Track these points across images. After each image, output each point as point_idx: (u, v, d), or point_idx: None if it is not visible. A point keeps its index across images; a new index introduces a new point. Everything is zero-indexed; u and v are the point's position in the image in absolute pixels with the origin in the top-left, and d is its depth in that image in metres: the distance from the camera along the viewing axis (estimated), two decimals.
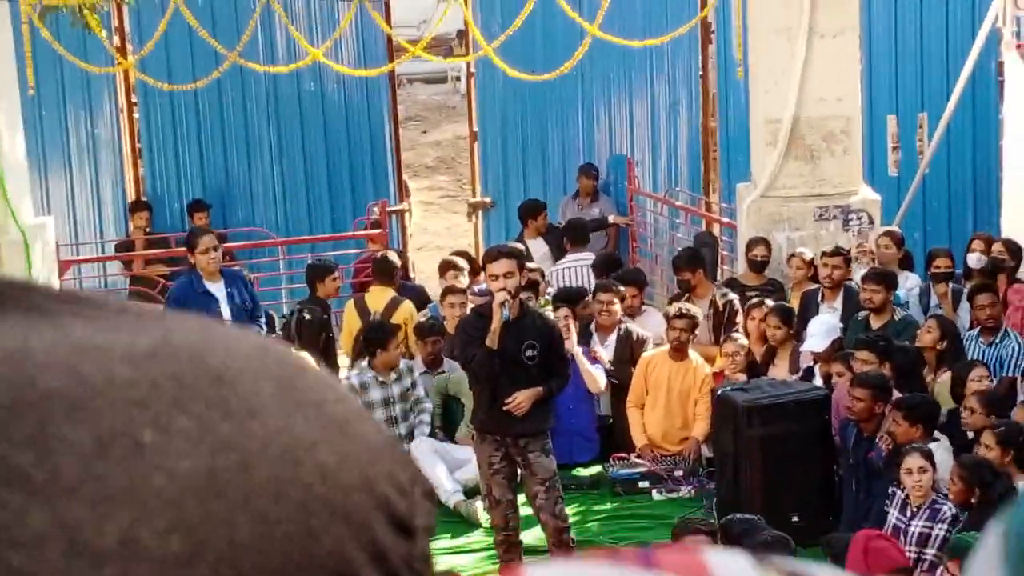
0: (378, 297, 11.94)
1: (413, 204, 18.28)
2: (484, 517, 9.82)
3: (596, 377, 10.89)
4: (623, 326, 11.22)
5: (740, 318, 11.32)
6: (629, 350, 11.05)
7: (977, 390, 9.11)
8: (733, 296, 11.59)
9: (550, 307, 11.24)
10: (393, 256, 12.48)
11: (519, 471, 8.76)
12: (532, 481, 8.64)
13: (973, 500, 7.73)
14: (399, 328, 11.07)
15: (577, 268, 13.17)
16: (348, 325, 11.92)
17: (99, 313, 0.65)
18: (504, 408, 8.44)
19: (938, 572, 7.24)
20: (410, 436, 10.77)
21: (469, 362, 8.50)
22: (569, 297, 11.45)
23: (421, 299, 12.37)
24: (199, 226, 13.32)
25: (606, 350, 11.15)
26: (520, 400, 8.44)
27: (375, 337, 10.67)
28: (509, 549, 8.61)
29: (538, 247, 14.35)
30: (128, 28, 14.91)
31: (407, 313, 11.70)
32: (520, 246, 12.75)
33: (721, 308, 11.59)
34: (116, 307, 0.67)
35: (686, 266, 11.94)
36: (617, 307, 11.19)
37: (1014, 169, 13.08)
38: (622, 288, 11.32)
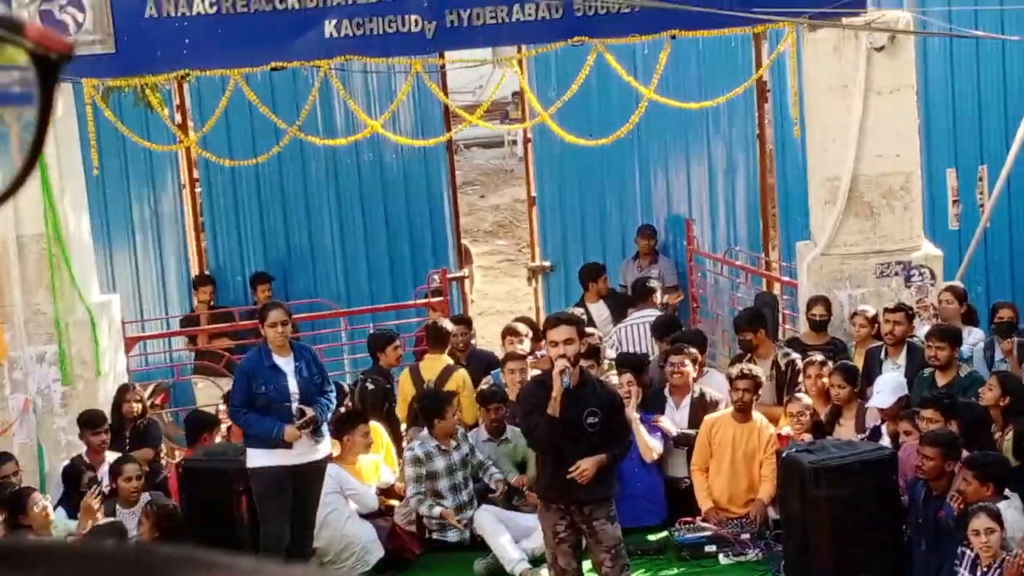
0: (432, 365, 12.03)
1: (474, 269, 18.39)
2: None
3: (651, 447, 10.87)
4: (697, 389, 11.20)
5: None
6: (703, 412, 11.03)
7: None
8: (795, 356, 11.55)
9: (613, 372, 11.25)
10: (446, 323, 12.55)
11: (584, 539, 8.73)
12: (598, 549, 8.61)
13: None
14: (455, 395, 11.12)
15: (643, 325, 13.17)
16: (403, 393, 12.02)
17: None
18: (568, 476, 8.42)
19: None
20: (473, 502, 10.79)
21: (532, 431, 8.50)
22: (632, 362, 11.45)
23: (490, 365, 12.40)
24: (269, 300, 13.45)
25: (680, 413, 11.13)
26: (584, 468, 8.43)
27: (431, 406, 10.75)
28: None
29: (600, 311, 14.38)
30: (189, 105, 15.12)
31: (460, 380, 11.77)
32: (579, 311, 12.83)
33: (784, 368, 11.57)
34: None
35: (748, 326, 11.93)
36: (690, 369, 11.18)
37: None
38: (694, 350, 11.31)
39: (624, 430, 8.90)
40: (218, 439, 11.20)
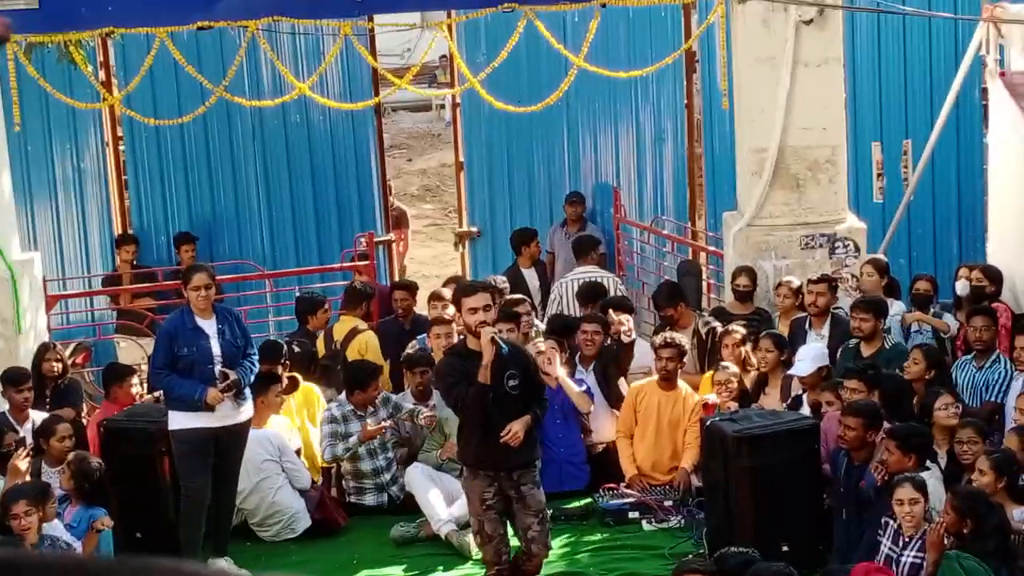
0: (342, 327, 12.07)
1: (409, 234, 18.30)
2: (475, 550, 9.82)
3: (584, 399, 10.94)
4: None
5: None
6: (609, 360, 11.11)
7: (957, 418, 9.15)
8: (716, 324, 11.63)
9: (540, 338, 11.27)
10: (362, 285, 12.58)
11: (511, 505, 8.73)
12: (525, 514, 8.62)
13: (965, 531, 7.74)
14: (380, 369, 11.13)
15: (580, 282, 13.21)
16: (321, 353, 12.05)
17: None
18: (501, 441, 8.41)
19: None
20: (391, 467, 10.81)
21: (461, 402, 8.44)
22: (561, 327, 11.52)
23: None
24: (193, 261, 13.35)
25: (591, 377, 11.20)
26: (516, 430, 8.42)
27: (356, 376, 10.76)
28: None
29: (531, 277, 14.40)
30: (114, 63, 14.93)
31: (363, 343, 11.79)
32: (501, 280, 12.85)
33: (704, 336, 11.65)
34: None
35: (667, 303, 12.04)
36: (601, 338, 11.24)
37: (998, 195, 13.14)
38: (610, 316, 11.36)
39: (541, 389, 8.88)
40: (134, 390, 11.10)
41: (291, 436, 10.84)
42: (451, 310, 12.10)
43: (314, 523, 10.45)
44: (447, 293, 12.34)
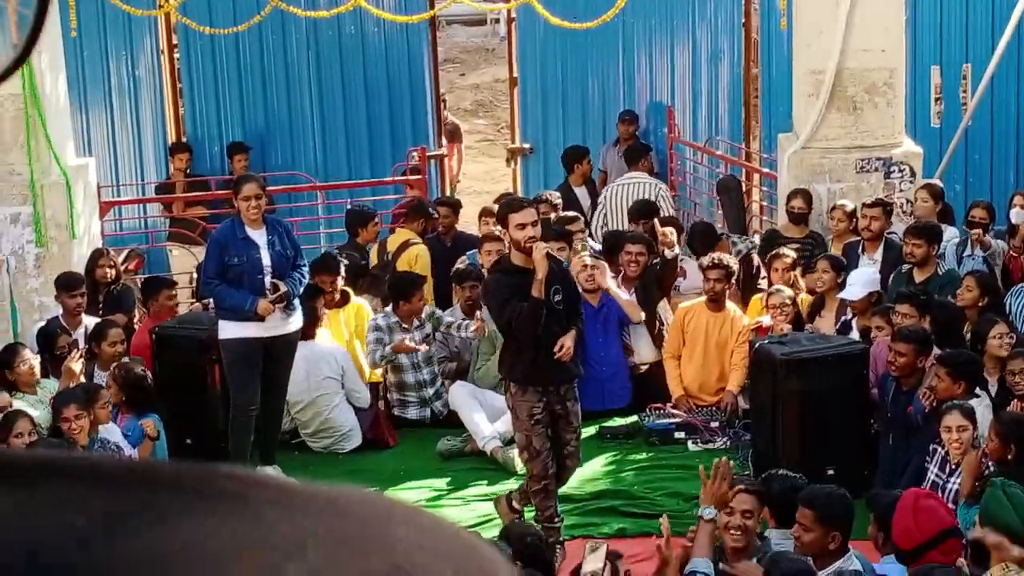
0: (397, 239, 12.07)
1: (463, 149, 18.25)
2: (520, 466, 9.87)
3: (635, 308, 10.93)
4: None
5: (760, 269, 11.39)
6: (651, 277, 11.08)
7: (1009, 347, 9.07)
8: (743, 247, 11.61)
9: (587, 252, 11.19)
10: (427, 202, 12.58)
11: (556, 421, 8.74)
12: (566, 429, 8.64)
13: (1009, 456, 7.71)
14: (424, 280, 11.13)
15: (631, 186, 13.33)
16: (374, 263, 12.08)
17: (293, 502, 0.69)
18: (556, 356, 8.42)
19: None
20: (435, 381, 10.85)
21: (516, 318, 8.38)
22: (614, 246, 11.48)
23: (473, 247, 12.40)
24: (245, 171, 13.37)
25: (633, 296, 11.17)
26: (568, 345, 8.42)
27: (399, 288, 10.77)
28: (548, 496, 8.62)
29: (583, 194, 14.36)
30: None
31: (413, 256, 11.76)
32: (555, 196, 12.85)
33: (739, 263, 11.56)
34: (306, 496, 0.72)
35: (703, 248, 11.79)
36: (646, 259, 11.18)
37: None
38: (656, 227, 11.30)
39: (578, 303, 8.91)
40: (172, 303, 11.22)
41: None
42: None
43: (365, 441, 10.53)
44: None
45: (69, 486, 0.67)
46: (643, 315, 10.99)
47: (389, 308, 10.89)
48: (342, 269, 10.98)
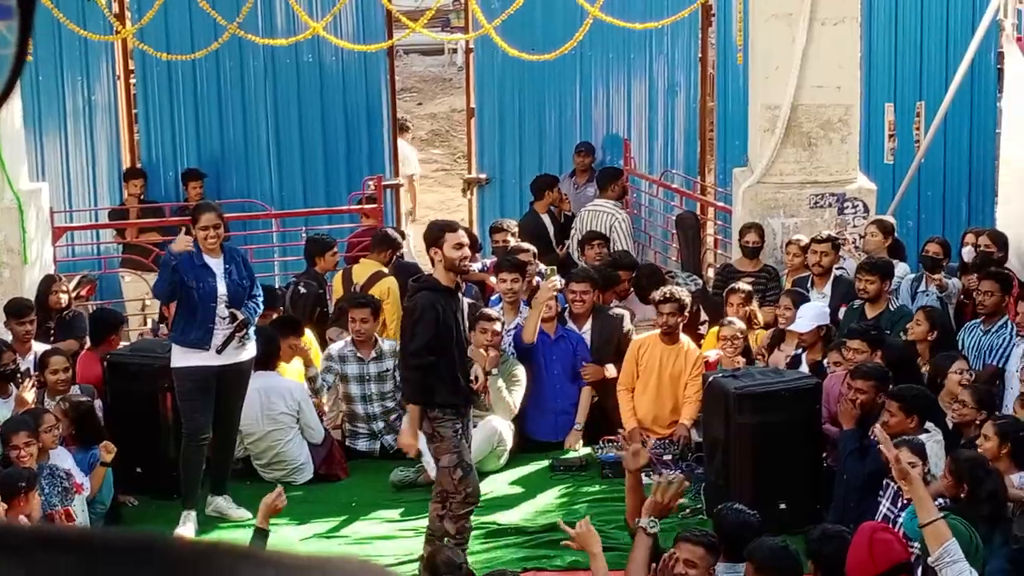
0: (364, 270, 12.02)
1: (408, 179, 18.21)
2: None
3: (532, 328, 10.95)
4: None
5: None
6: (609, 328, 11.08)
7: (968, 383, 9.14)
8: (691, 286, 11.71)
9: (556, 277, 11.13)
10: (394, 233, 12.54)
11: None
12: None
13: (962, 495, 7.75)
14: (378, 302, 11.11)
15: (602, 213, 13.64)
16: (335, 294, 12.05)
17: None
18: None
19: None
20: (386, 415, 10.82)
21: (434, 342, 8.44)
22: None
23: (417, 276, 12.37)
24: (201, 199, 13.32)
25: (585, 336, 11.17)
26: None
27: (351, 302, 10.83)
28: (468, 518, 8.66)
29: (548, 221, 14.40)
30: None
31: (385, 288, 11.69)
32: (511, 223, 12.89)
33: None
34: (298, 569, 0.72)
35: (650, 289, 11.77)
36: (591, 297, 11.17)
37: (1009, 160, 13.10)
38: (594, 276, 11.35)
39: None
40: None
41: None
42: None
43: (317, 476, 10.48)
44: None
45: (68, 558, 0.67)
46: (534, 337, 10.94)
47: (349, 337, 10.87)
48: (280, 301, 11.05)
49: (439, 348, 8.42)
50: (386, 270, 12.00)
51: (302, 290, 11.50)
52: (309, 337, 11.15)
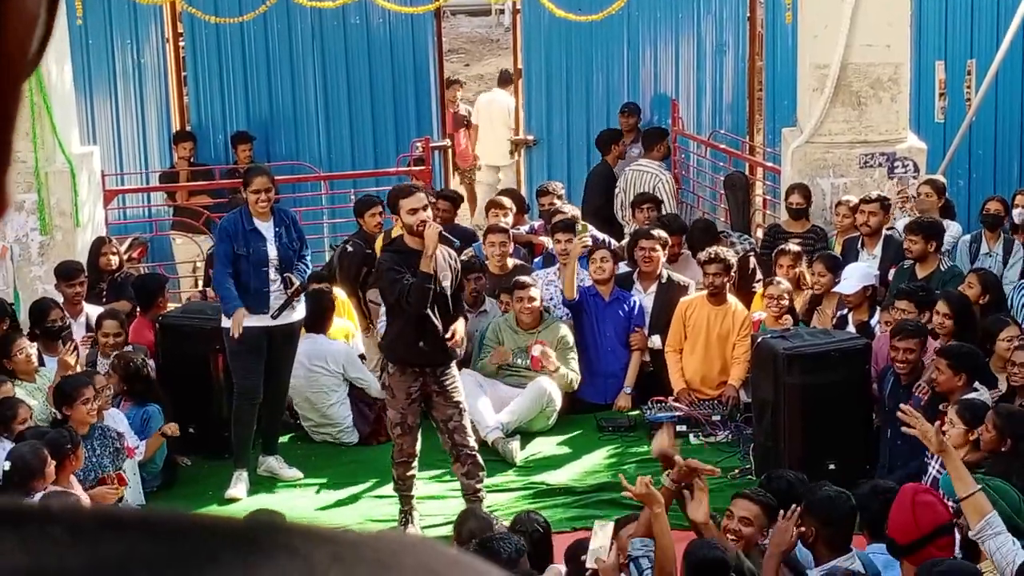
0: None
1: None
2: (520, 456, 9.93)
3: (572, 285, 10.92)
4: (665, 274, 11.21)
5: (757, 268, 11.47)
6: (670, 298, 11.04)
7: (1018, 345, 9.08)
8: (740, 246, 11.65)
9: (587, 233, 11.12)
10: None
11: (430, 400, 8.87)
12: (447, 406, 8.81)
13: (1004, 449, 7.73)
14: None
15: (646, 173, 13.50)
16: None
17: (354, 554, 0.71)
18: (449, 342, 8.68)
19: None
20: None
21: (406, 292, 8.49)
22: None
23: (470, 240, 12.37)
24: (251, 162, 13.37)
25: (648, 297, 11.16)
26: (460, 332, 8.78)
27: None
28: (409, 468, 8.88)
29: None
30: None
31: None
32: (559, 184, 12.89)
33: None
34: (371, 546, 0.74)
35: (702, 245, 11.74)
36: (660, 254, 11.16)
37: None
38: (664, 235, 11.28)
39: (460, 293, 9.30)
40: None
41: (354, 342, 10.89)
42: (510, 218, 12.11)
43: (362, 439, 10.53)
44: (506, 202, 12.32)
45: (131, 539, 0.69)
46: (574, 294, 10.95)
47: None
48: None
49: (397, 308, 8.64)
50: None
51: (349, 248, 11.54)
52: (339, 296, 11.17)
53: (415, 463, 8.91)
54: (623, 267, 11.44)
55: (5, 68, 0.77)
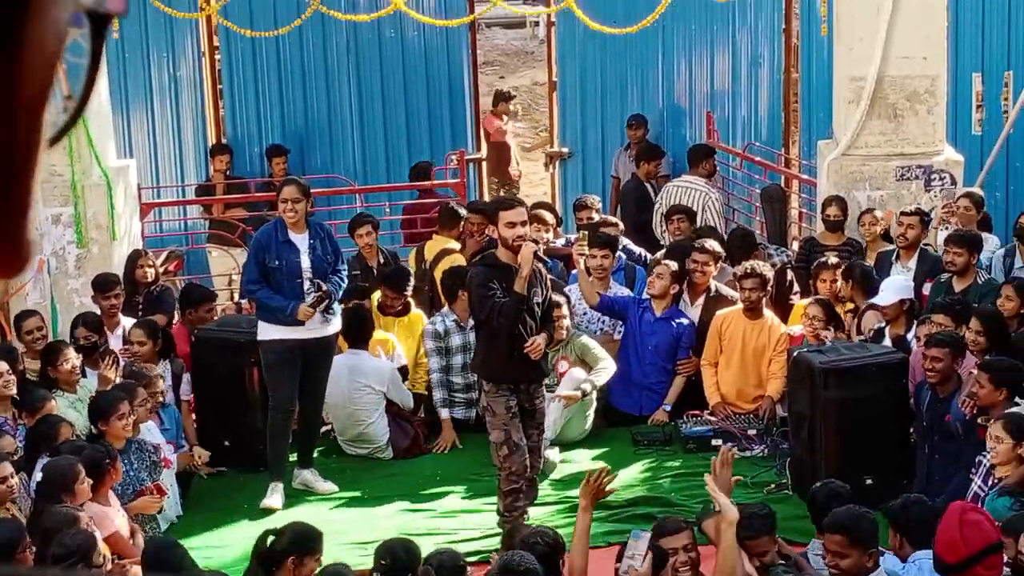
0: (434, 246, 12.05)
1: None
2: (555, 469, 9.90)
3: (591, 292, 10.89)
4: (713, 286, 11.16)
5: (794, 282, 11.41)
6: (716, 310, 10.98)
7: None
8: (778, 259, 11.59)
9: (585, 242, 11.08)
10: (458, 207, 12.49)
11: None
12: (528, 425, 8.76)
13: None
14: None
15: (688, 189, 13.50)
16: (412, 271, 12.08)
17: None
18: (525, 351, 8.52)
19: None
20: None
21: (496, 312, 8.43)
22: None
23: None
24: (286, 174, 13.42)
25: (694, 310, 11.11)
26: (540, 343, 8.59)
27: (451, 284, 10.78)
28: (518, 497, 8.69)
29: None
30: None
31: (450, 263, 11.64)
32: (595, 198, 12.87)
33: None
34: None
35: (741, 254, 11.72)
36: (712, 269, 11.09)
37: None
38: (718, 248, 11.21)
39: (551, 310, 9.07)
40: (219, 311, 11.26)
41: (394, 354, 10.86)
42: (550, 234, 12.07)
43: (397, 455, 10.52)
44: (548, 216, 12.24)
45: None
46: (594, 300, 10.90)
47: (445, 309, 10.89)
48: (407, 284, 11.04)
49: (493, 322, 8.55)
50: (455, 244, 12.00)
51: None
52: (420, 313, 11.18)
53: (525, 488, 8.71)
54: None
55: (22, 117, 0.75)
